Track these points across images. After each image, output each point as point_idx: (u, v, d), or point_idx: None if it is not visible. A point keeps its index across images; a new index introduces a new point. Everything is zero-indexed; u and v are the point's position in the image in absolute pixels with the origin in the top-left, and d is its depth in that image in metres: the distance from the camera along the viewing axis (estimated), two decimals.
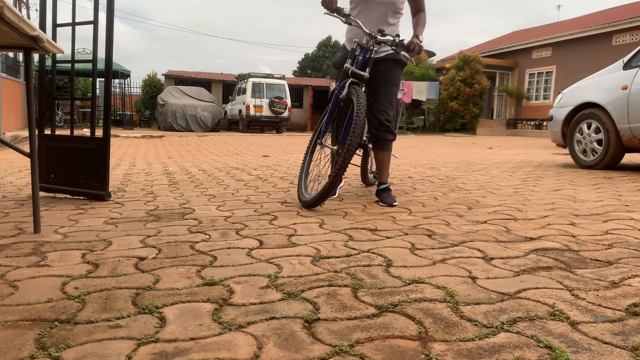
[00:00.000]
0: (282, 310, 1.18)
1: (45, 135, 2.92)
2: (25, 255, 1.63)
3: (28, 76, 1.98)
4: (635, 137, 4.75)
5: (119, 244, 1.81)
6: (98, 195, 2.77)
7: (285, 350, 0.98)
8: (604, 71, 5.32)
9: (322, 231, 2.07)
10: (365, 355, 0.96)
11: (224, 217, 2.36)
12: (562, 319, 1.14)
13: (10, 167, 4.77)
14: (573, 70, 17.46)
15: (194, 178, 4.01)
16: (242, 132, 18.32)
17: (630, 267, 1.56)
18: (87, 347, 0.98)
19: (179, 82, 23.05)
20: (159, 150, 7.63)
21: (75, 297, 1.25)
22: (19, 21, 1.60)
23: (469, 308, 1.21)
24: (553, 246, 1.84)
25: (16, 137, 8.51)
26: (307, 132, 22.25)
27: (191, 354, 0.95)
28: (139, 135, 12.70)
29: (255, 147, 8.88)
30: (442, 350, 0.98)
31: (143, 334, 1.04)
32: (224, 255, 1.66)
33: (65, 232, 1.98)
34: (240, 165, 5.31)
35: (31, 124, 1.99)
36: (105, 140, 2.73)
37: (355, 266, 1.55)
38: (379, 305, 1.22)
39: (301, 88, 25.94)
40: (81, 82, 20.17)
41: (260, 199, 2.95)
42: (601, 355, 0.96)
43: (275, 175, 4.33)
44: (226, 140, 11.87)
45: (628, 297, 1.29)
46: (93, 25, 2.73)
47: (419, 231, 2.09)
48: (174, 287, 1.34)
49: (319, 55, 45.14)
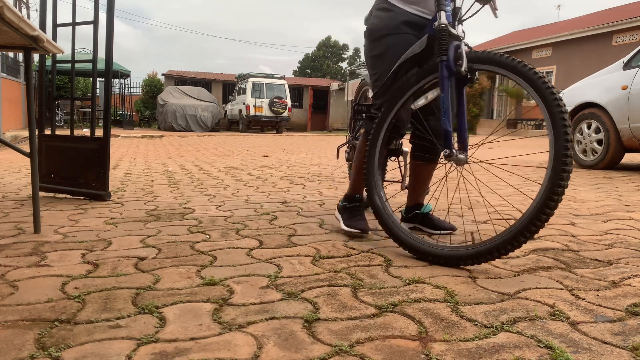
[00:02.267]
0: (282, 310, 1.18)
1: (45, 135, 2.92)
2: (25, 255, 1.63)
3: (28, 76, 1.98)
4: (635, 137, 4.75)
5: (119, 244, 1.81)
6: (98, 195, 2.77)
7: (285, 350, 0.98)
8: (604, 71, 5.33)
9: (322, 231, 2.07)
10: (365, 355, 0.96)
11: (224, 217, 2.35)
12: (562, 319, 1.14)
13: (10, 167, 4.77)
14: (573, 70, 17.46)
15: (194, 178, 4.01)
16: (242, 132, 18.32)
17: (630, 267, 1.56)
18: (87, 347, 0.98)
19: (179, 82, 23.06)
20: (159, 150, 7.63)
21: (75, 297, 1.25)
22: (19, 21, 1.60)
23: (469, 308, 1.21)
24: (553, 246, 1.84)
25: (16, 137, 8.51)
26: (307, 132, 22.24)
27: (191, 354, 0.95)
28: (139, 135, 12.70)
29: (255, 147, 8.88)
30: (442, 350, 0.98)
31: (143, 334, 1.04)
32: (224, 255, 1.66)
33: (65, 232, 1.98)
34: (240, 165, 5.31)
35: (31, 124, 1.99)
36: (105, 140, 2.73)
37: (355, 266, 1.55)
38: (379, 305, 1.22)
39: (301, 88, 25.94)
40: (81, 82, 20.16)
41: (260, 199, 2.95)
42: (601, 355, 0.96)
43: (275, 175, 4.33)
44: (226, 140, 11.87)
45: (628, 297, 1.29)
46: (93, 25, 2.73)
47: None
48: (174, 287, 1.34)
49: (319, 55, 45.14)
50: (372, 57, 1.92)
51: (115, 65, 17.36)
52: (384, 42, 1.86)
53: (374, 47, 1.90)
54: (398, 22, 1.84)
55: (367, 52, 1.96)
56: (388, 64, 1.83)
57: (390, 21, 1.85)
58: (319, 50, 45.39)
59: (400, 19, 1.84)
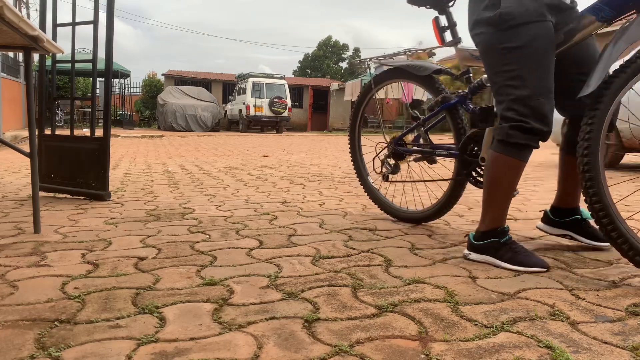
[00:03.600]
0: (282, 310, 1.18)
1: (45, 135, 2.92)
2: (25, 255, 1.63)
3: (28, 76, 1.98)
4: (635, 137, 4.75)
5: (119, 244, 1.81)
6: (98, 195, 2.77)
7: (285, 350, 0.98)
8: None
9: (322, 231, 2.07)
10: (365, 355, 0.96)
11: (224, 217, 2.35)
12: (562, 319, 1.14)
13: (10, 167, 4.77)
14: None
15: (194, 178, 4.01)
16: (242, 132, 18.32)
17: (630, 267, 1.56)
18: (87, 347, 0.98)
19: (179, 82, 23.05)
20: (159, 150, 7.63)
21: (75, 297, 1.25)
22: (19, 21, 1.60)
23: (469, 308, 1.21)
24: (553, 246, 1.84)
25: (16, 137, 8.51)
26: (307, 132, 22.24)
27: (191, 354, 0.95)
28: (139, 135, 12.70)
29: (255, 147, 8.88)
30: (442, 350, 0.98)
31: (143, 334, 1.04)
32: (224, 255, 1.66)
33: (65, 232, 1.98)
34: (240, 165, 5.31)
35: (31, 124, 1.99)
36: (105, 140, 2.73)
37: (355, 266, 1.55)
38: (379, 305, 1.22)
39: (301, 88, 25.94)
40: (81, 82, 20.17)
41: (260, 198, 2.95)
42: (601, 355, 0.96)
43: (275, 175, 4.33)
44: (226, 140, 11.87)
45: (628, 297, 1.29)
46: (93, 25, 2.73)
47: (419, 231, 2.09)
48: (174, 287, 1.34)
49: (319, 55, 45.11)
50: (506, 50, 1.57)
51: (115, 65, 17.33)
52: (525, 32, 1.54)
53: (509, 37, 1.56)
54: (542, 5, 1.56)
55: (494, 42, 1.60)
56: (535, 58, 1.55)
57: (533, 4, 1.55)
58: (319, 50, 45.38)
59: (545, 2, 1.56)
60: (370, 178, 2.55)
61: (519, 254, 1.58)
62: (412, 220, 2.25)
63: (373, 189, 2.50)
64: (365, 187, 2.56)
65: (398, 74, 2.29)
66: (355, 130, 2.62)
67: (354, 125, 2.61)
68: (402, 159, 2.32)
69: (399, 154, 2.31)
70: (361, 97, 2.54)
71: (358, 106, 2.56)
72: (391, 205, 2.38)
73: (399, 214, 2.32)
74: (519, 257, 1.57)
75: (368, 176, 2.56)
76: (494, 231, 1.62)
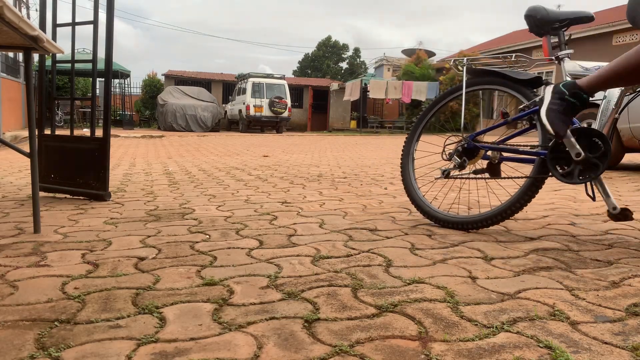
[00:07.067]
0: (282, 310, 1.18)
1: (45, 135, 2.92)
2: (25, 255, 1.63)
3: (28, 76, 1.98)
4: (635, 137, 4.75)
5: (119, 244, 1.81)
6: (98, 195, 2.77)
7: (285, 350, 0.98)
8: None
9: (322, 231, 2.07)
10: (365, 355, 0.96)
11: (224, 217, 2.35)
12: (562, 319, 1.14)
13: (10, 167, 4.77)
14: None
15: (194, 178, 4.01)
16: (242, 132, 18.33)
17: (630, 267, 1.56)
18: (87, 347, 0.98)
19: (179, 82, 23.06)
20: (158, 150, 7.63)
21: (75, 297, 1.24)
22: (19, 21, 1.60)
23: (469, 308, 1.21)
24: (553, 246, 1.84)
25: (16, 137, 8.51)
26: (307, 132, 22.23)
27: (191, 354, 0.95)
28: (139, 135, 12.70)
29: (255, 147, 8.88)
30: (442, 350, 0.98)
31: (143, 334, 1.04)
32: (224, 255, 1.66)
33: (65, 232, 1.98)
34: (240, 165, 5.31)
35: (31, 124, 1.99)
36: (105, 140, 2.73)
37: (355, 266, 1.55)
38: (379, 305, 1.22)
39: (301, 88, 25.95)
40: (81, 82, 20.17)
41: (260, 199, 2.95)
42: (601, 355, 0.96)
43: (275, 175, 4.33)
44: (226, 140, 11.87)
45: (628, 297, 1.29)
46: (93, 25, 2.73)
47: (419, 231, 2.09)
48: (174, 287, 1.34)
49: (319, 55, 45.12)
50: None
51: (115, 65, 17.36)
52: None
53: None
54: None
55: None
56: None
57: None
58: (319, 50, 45.38)
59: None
60: (420, 192, 2.36)
61: (560, 115, 1.73)
62: (475, 224, 2.06)
63: (419, 196, 2.30)
64: (411, 197, 2.36)
65: (493, 78, 2.14)
66: (415, 135, 2.41)
67: (415, 130, 2.41)
68: (473, 156, 2.15)
69: (471, 151, 2.15)
70: (438, 100, 2.35)
71: (429, 109, 2.32)
72: (436, 210, 2.22)
73: (447, 219, 2.14)
74: (554, 116, 1.73)
75: (419, 189, 2.37)
76: (582, 90, 1.75)
